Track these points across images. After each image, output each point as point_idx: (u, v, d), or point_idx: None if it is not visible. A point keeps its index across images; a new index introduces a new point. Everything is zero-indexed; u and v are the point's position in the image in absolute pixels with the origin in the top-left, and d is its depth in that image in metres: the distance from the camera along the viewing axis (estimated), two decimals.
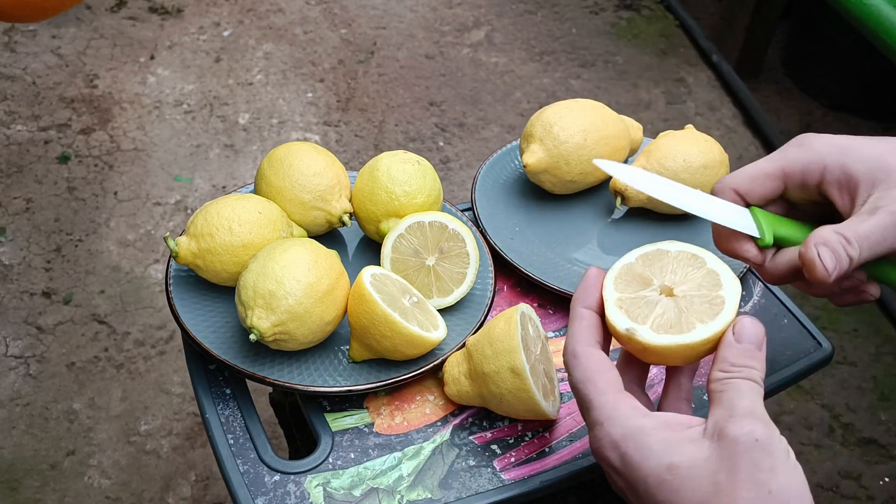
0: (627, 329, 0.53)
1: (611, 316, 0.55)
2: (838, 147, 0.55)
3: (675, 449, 0.44)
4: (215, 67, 2.04)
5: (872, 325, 1.59)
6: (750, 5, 2.04)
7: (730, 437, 0.43)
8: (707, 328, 0.52)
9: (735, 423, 0.44)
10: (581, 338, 0.52)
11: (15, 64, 2.00)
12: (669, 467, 0.44)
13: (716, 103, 2.05)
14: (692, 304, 0.54)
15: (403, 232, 0.71)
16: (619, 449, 0.46)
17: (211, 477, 1.30)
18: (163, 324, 1.49)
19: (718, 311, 0.53)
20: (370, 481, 0.61)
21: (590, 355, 0.52)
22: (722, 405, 0.46)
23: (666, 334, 0.53)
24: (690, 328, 0.53)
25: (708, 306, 0.54)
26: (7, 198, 1.69)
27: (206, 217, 0.69)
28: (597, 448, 0.48)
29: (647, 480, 0.44)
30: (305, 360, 0.67)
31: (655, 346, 0.53)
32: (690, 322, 0.53)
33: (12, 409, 1.36)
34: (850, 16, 1.44)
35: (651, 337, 0.53)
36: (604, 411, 0.48)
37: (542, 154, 0.79)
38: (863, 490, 1.36)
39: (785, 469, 0.43)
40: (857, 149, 0.54)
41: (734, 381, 0.47)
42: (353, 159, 1.83)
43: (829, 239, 0.52)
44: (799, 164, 0.55)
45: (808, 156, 0.55)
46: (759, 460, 0.42)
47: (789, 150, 0.56)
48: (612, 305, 0.55)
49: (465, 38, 2.19)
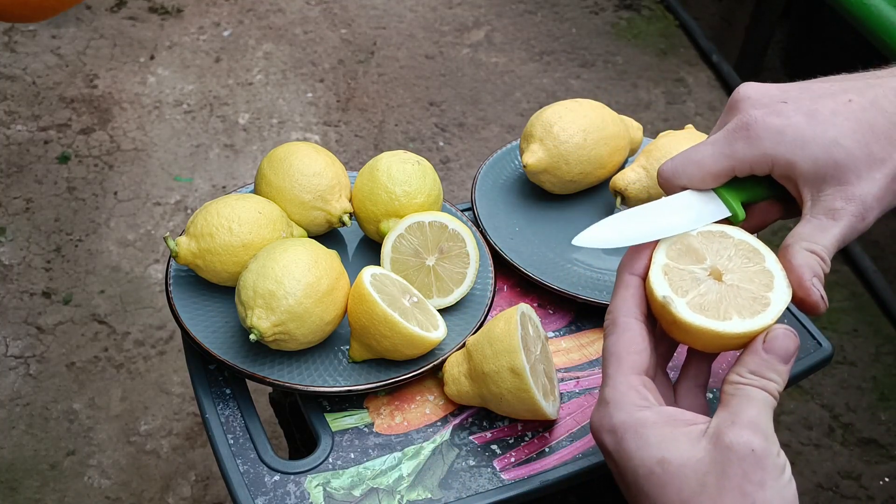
0: (664, 297, 0.51)
1: (653, 279, 0.52)
2: (790, 137, 0.50)
3: (670, 444, 0.44)
4: (215, 67, 2.04)
5: (872, 325, 1.59)
6: (750, 5, 2.04)
7: (726, 443, 0.43)
8: (742, 323, 0.50)
9: (735, 430, 0.43)
10: (623, 307, 0.51)
11: (15, 64, 2.00)
12: (661, 461, 0.44)
13: (716, 103, 2.05)
14: (737, 294, 0.52)
15: (403, 232, 0.71)
16: (617, 434, 0.46)
17: (211, 477, 1.30)
18: (163, 324, 1.49)
19: (760, 311, 0.51)
20: (370, 481, 0.61)
21: (626, 328, 0.50)
22: (728, 409, 0.45)
23: (700, 314, 0.51)
24: (726, 317, 0.51)
25: (751, 303, 0.52)
26: (7, 198, 1.69)
27: (206, 217, 0.69)
28: (597, 427, 0.48)
29: (637, 471, 0.44)
30: (305, 360, 0.67)
31: (685, 323, 0.51)
32: (728, 311, 0.51)
33: (12, 409, 1.36)
34: (850, 16, 1.44)
35: (684, 312, 0.51)
36: (615, 393, 0.48)
37: (542, 154, 0.79)
38: (863, 490, 1.36)
39: (775, 485, 0.42)
40: (807, 141, 0.50)
41: (747, 388, 0.46)
42: (353, 159, 1.83)
43: (815, 268, 0.50)
44: (747, 161, 0.52)
45: (755, 152, 0.51)
46: (749, 472, 0.42)
47: (737, 143, 0.52)
48: (657, 269, 0.53)
49: (465, 38, 2.19)
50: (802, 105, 0.51)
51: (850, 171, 0.49)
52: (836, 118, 0.50)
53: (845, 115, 0.50)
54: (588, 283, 0.76)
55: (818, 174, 0.50)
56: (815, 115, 0.50)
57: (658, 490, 0.44)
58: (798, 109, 0.51)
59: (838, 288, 1.66)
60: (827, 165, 0.50)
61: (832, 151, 0.49)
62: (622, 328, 0.51)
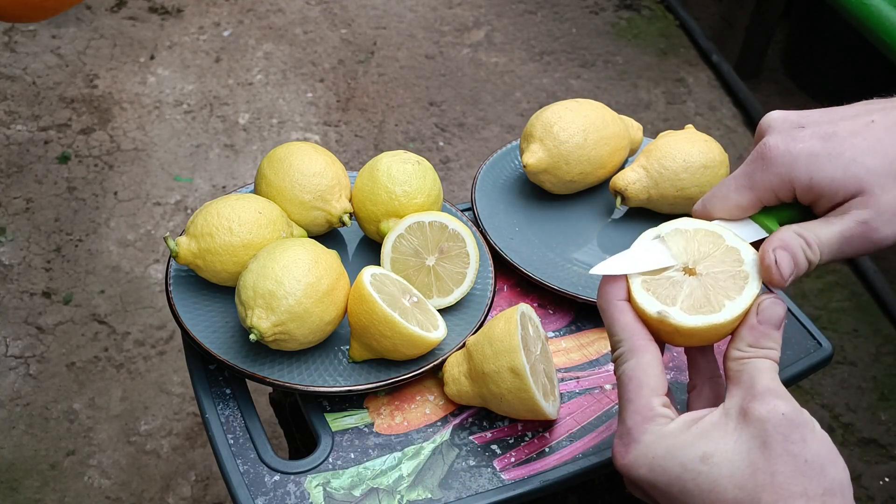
0: (659, 312, 0.52)
1: (640, 300, 0.53)
2: (804, 159, 0.51)
3: (702, 440, 0.45)
4: (215, 67, 2.04)
5: (872, 325, 1.59)
6: (750, 5, 2.04)
7: (756, 416, 0.44)
8: (735, 305, 0.52)
9: (759, 402, 0.44)
10: (632, 331, 0.51)
11: (15, 64, 2.00)
12: (703, 457, 0.44)
13: (716, 103, 2.05)
14: (717, 281, 0.53)
15: (403, 232, 0.71)
16: (650, 454, 0.46)
17: (211, 477, 1.30)
18: (163, 324, 1.49)
19: (743, 285, 0.53)
20: (370, 481, 0.61)
21: (644, 350, 0.50)
22: (741, 385, 0.46)
23: (697, 315, 0.52)
24: (720, 307, 0.52)
25: (732, 282, 0.53)
26: (7, 198, 1.69)
27: (206, 217, 0.69)
28: (629, 464, 0.47)
29: (683, 476, 0.44)
30: (305, 360, 0.67)
31: (687, 328, 0.52)
32: (719, 300, 0.52)
33: (12, 409, 1.36)
34: (850, 16, 1.44)
35: (683, 319, 0.52)
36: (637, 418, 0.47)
37: (542, 154, 0.79)
38: (863, 490, 1.36)
39: (814, 437, 0.44)
40: (822, 162, 0.51)
41: (753, 361, 0.47)
42: (353, 159, 1.83)
43: (789, 243, 0.50)
44: (767, 188, 0.53)
45: (773, 179, 0.52)
46: (788, 433, 0.43)
47: (756, 173, 0.53)
48: (638, 287, 0.54)
49: (465, 38, 2.19)
50: (820, 129, 0.52)
51: (873, 184, 0.50)
52: (855, 139, 0.51)
53: (865, 135, 0.51)
54: (588, 283, 0.76)
55: (839, 192, 0.51)
56: (833, 137, 0.51)
57: (711, 486, 0.43)
58: (815, 134, 0.51)
59: (838, 288, 1.66)
60: (847, 184, 0.50)
61: (851, 169, 0.50)
62: (640, 351, 0.50)
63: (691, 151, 0.79)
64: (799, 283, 1.66)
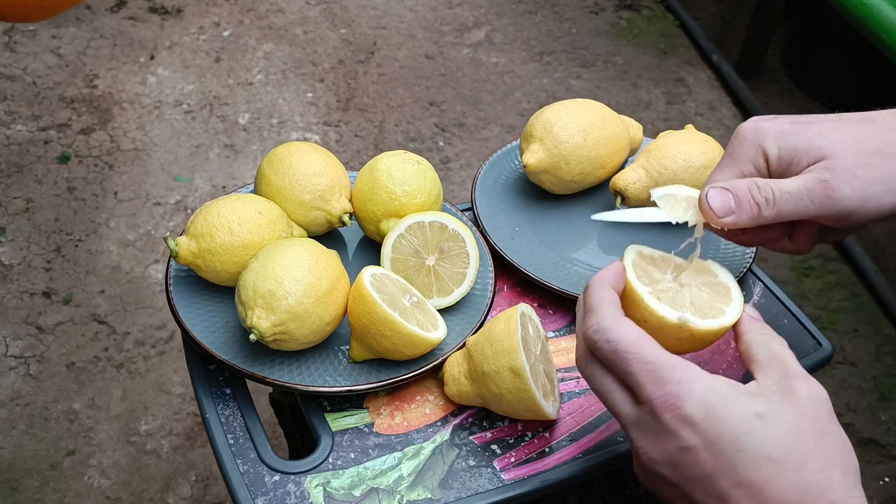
0: (680, 318, 0.54)
1: (656, 308, 0.54)
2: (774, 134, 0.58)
3: (754, 399, 0.47)
4: (215, 67, 2.04)
5: (872, 325, 1.59)
6: (750, 5, 2.04)
7: (803, 393, 0.48)
8: (732, 310, 0.55)
9: (801, 381, 0.48)
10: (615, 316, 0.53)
11: (15, 64, 2.00)
12: (758, 414, 0.46)
13: (716, 103, 2.05)
14: (703, 289, 0.57)
15: (403, 232, 0.71)
16: (706, 401, 0.47)
17: (211, 477, 1.30)
18: (163, 324, 1.49)
19: (724, 292, 0.57)
20: (370, 481, 0.61)
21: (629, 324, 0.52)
22: (773, 365, 0.50)
23: (708, 319, 0.55)
24: (720, 313, 0.55)
25: (716, 289, 0.57)
26: (7, 198, 1.69)
27: (206, 217, 0.69)
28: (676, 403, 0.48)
29: (737, 428, 0.46)
30: (305, 360, 0.67)
31: (705, 332, 0.54)
32: (718, 307, 0.56)
33: (12, 409, 1.36)
34: (850, 16, 1.44)
35: (700, 323, 0.54)
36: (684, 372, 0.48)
37: (542, 154, 0.79)
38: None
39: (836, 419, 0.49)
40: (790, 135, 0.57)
41: (774, 343, 0.51)
42: (353, 159, 1.83)
43: (732, 184, 0.56)
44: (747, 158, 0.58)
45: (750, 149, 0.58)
46: (831, 414, 0.48)
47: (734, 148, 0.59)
48: (651, 298, 0.55)
49: (465, 38, 2.19)
50: (791, 118, 0.59)
51: (835, 151, 0.56)
52: (824, 122, 0.58)
53: (833, 120, 0.58)
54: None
55: (803, 159, 0.56)
56: (801, 121, 0.58)
57: (762, 443, 0.45)
58: (787, 119, 0.59)
59: (838, 288, 1.66)
60: (811, 150, 0.56)
61: (815, 141, 0.56)
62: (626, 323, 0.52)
63: (691, 151, 0.79)
64: (799, 283, 1.67)
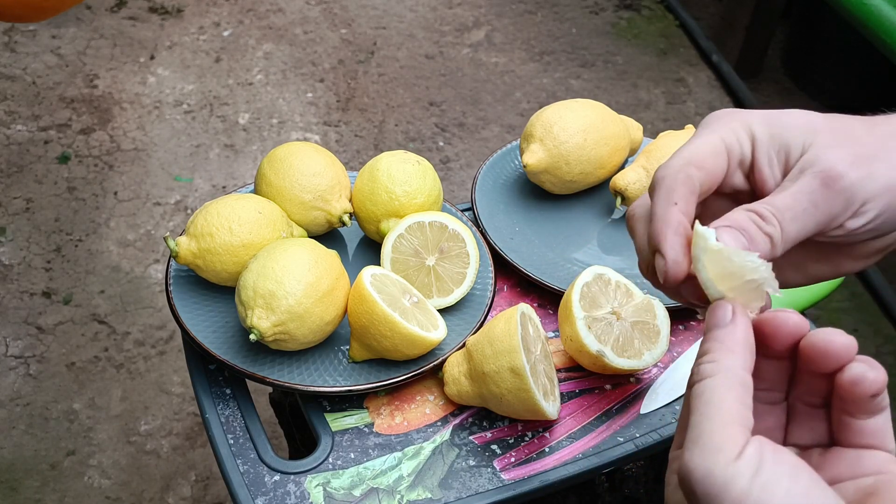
0: (598, 351, 0.64)
1: (583, 336, 0.64)
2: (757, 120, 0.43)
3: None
4: (215, 67, 2.04)
5: (872, 325, 1.59)
6: (750, 5, 2.04)
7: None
8: (651, 356, 0.65)
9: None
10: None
11: (15, 64, 2.00)
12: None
13: (716, 103, 2.05)
14: (636, 322, 0.66)
15: (403, 232, 0.71)
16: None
17: (211, 477, 1.30)
18: (163, 324, 1.49)
19: (656, 339, 0.66)
20: (370, 481, 0.61)
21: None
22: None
23: (623, 358, 0.65)
24: (639, 355, 0.65)
25: (646, 336, 0.66)
26: (7, 198, 1.69)
27: (206, 217, 0.69)
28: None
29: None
30: (305, 360, 0.67)
31: (616, 368, 0.64)
32: (639, 350, 0.65)
33: (12, 409, 1.36)
34: (850, 16, 1.44)
35: (615, 360, 0.64)
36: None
37: (542, 154, 0.79)
38: None
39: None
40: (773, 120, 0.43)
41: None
42: (353, 159, 1.83)
43: (736, 218, 0.39)
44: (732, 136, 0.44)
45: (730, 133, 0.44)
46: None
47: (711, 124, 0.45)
48: (582, 325, 0.64)
49: (465, 38, 2.19)
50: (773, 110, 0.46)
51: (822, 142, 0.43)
52: (809, 115, 0.44)
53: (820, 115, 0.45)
54: None
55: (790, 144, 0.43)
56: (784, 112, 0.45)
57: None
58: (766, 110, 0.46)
59: (838, 288, 1.66)
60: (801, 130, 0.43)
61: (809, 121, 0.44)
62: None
63: None
64: None
